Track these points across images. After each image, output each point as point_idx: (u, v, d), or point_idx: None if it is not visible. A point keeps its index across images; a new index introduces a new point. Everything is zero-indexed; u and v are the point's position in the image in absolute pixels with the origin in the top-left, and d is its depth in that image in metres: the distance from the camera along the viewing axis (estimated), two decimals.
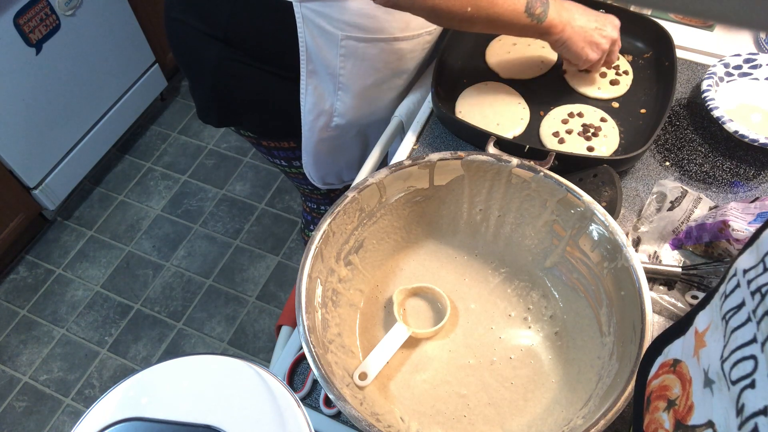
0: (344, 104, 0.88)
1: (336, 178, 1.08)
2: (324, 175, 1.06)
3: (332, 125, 0.91)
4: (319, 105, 0.88)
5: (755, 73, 0.85)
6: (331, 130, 0.92)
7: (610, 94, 0.86)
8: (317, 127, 0.91)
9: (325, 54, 0.81)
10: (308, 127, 0.92)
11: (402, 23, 0.79)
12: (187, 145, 2.11)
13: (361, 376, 0.61)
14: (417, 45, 0.85)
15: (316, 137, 0.93)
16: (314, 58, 0.82)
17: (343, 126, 0.92)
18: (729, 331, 0.35)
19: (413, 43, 0.84)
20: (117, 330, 1.71)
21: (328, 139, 0.95)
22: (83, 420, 0.46)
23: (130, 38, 1.87)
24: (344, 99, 0.87)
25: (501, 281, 0.70)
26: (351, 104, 0.88)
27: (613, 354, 0.58)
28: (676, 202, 0.73)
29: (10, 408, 1.59)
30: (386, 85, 0.88)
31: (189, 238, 1.88)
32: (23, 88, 1.58)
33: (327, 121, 0.90)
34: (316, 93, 0.86)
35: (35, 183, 1.72)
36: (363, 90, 0.86)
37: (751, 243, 0.36)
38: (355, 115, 0.90)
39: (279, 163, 1.09)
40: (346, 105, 0.88)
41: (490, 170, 0.67)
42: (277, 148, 1.04)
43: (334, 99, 0.87)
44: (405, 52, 0.84)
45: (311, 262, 0.60)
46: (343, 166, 1.05)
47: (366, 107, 0.90)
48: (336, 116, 0.89)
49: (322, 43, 0.79)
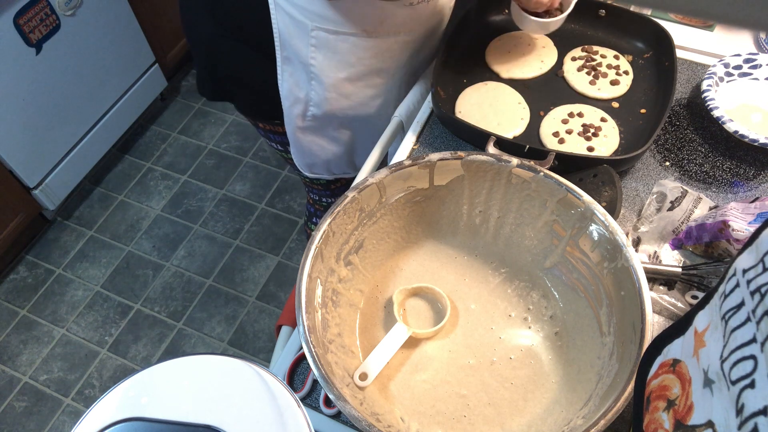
0: (318, 95, 0.87)
1: (324, 170, 1.08)
2: (310, 165, 1.05)
3: (308, 115, 0.91)
4: (294, 92, 0.88)
5: (755, 73, 0.85)
6: (308, 119, 0.92)
7: (610, 94, 0.86)
8: (294, 115, 0.91)
9: (296, 42, 0.81)
10: (287, 113, 0.92)
11: (375, 19, 0.78)
12: (187, 145, 2.11)
13: (361, 377, 0.61)
14: (393, 44, 0.84)
15: (294, 125, 0.94)
16: (287, 45, 0.82)
17: (320, 117, 0.91)
18: (728, 331, 0.35)
19: (389, 41, 0.83)
20: (117, 330, 1.71)
21: (309, 129, 0.95)
22: (83, 420, 0.46)
23: (130, 38, 1.87)
24: (318, 90, 0.86)
25: (501, 281, 0.70)
26: (325, 96, 0.87)
27: (613, 354, 0.58)
28: (676, 202, 0.73)
29: (10, 408, 1.59)
30: (363, 82, 0.87)
31: (189, 238, 1.88)
32: (23, 88, 1.58)
33: (303, 109, 0.90)
34: (291, 80, 0.87)
35: (35, 183, 1.72)
36: (337, 83, 0.86)
37: (751, 243, 0.36)
38: (330, 107, 0.89)
39: (276, 147, 1.10)
40: (320, 96, 0.87)
41: (490, 170, 0.67)
42: (272, 131, 1.05)
43: (309, 89, 0.87)
44: (380, 50, 0.83)
45: (311, 262, 0.60)
46: (330, 159, 1.04)
47: (343, 101, 0.89)
48: (312, 106, 0.89)
49: (294, 31, 0.80)
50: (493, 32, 0.94)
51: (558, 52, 0.92)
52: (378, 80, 0.88)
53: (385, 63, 0.86)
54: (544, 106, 0.85)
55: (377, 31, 0.80)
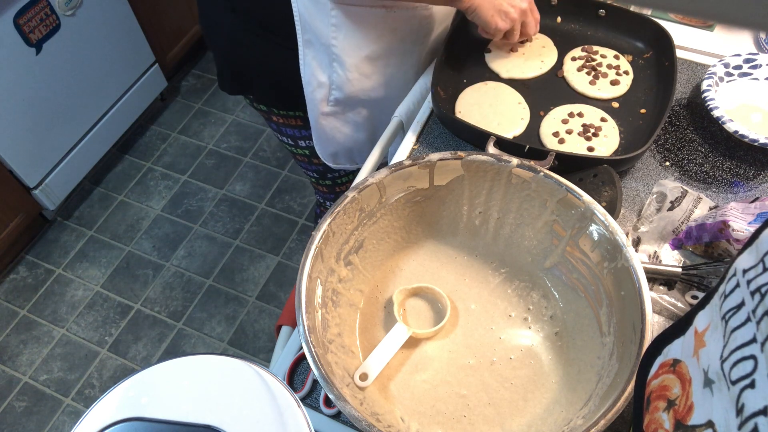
0: (340, 77, 0.88)
1: (347, 159, 1.08)
2: (334, 155, 1.05)
3: (331, 99, 0.92)
4: (316, 76, 0.89)
5: (755, 73, 0.85)
6: (331, 104, 0.93)
7: (610, 94, 0.86)
8: (317, 100, 0.92)
9: (317, 24, 0.82)
10: (309, 99, 0.92)
11: None
12: (187, 145, 2.11)
13: (361, 377, 0.61)
14: (412, 19, 0.85)
15: (318, 111, 0.94)
16: (308, 28, 0.83)
17: (343, 101, 0.92)
18: (729, 331, 0.35)
19: (407, 16, 0.84)
20: (117, 330, 1.71)
21: (332, 115, 0.95)
22: (83, 420, 0.46)
23: (130, 38, 1.87)
24: (339, 71, 0.87)
25: (501, 281, 0.70)
26: (347, 77, 0.88)
27: (613, 354, 0.58)
28: (676, 202, 0.73)
29: (10, 408, 1.59)
30: (383, 61, 0.88)
31: (189, 238, 1.88)
32: (23, 88, 1.58)
33: (326, 93, 0.91)
34: (313, 64, 0.87)
35: (35, 183, 1.72)
36: (358, 63, 0.86)
37: (751, 243, 0.36)
38: (352, 89, 0.90)
39: (287, 142, 1.11)
40: (342, 78, 0.88)
41: (490, 170, 0.67)
42: (286, 124, 1.06)
43: (331, 71, 0.87)
44: (399, 25, 0.84)
45: (311, 262, 0.60)
46: (353, 146, 1.04)
47: (365, 81, 0.90)
48: (334, 89, 0.90)
49: (314, 12, 0.80)
50: None
51: (558, 52, 0.92)
52: (397, 59, 0.90)
53: (404, 40, 0.87)
54: (544, 106, 0.85)
55: (396, 5, 0.81)
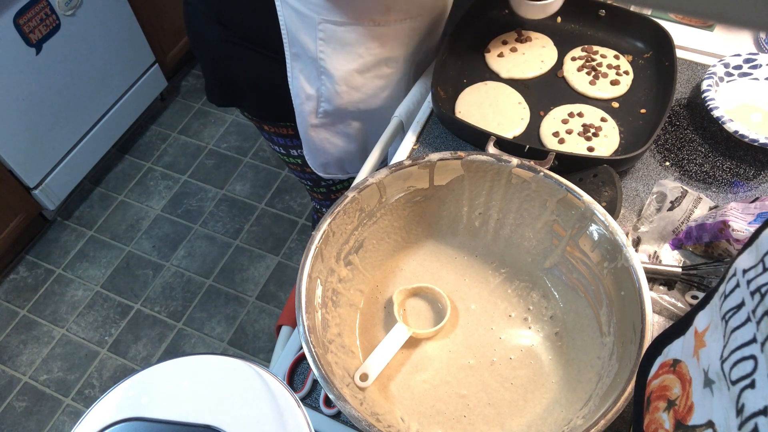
0: (329, 90, 0.87)
1: (338, 169, 1.07)
2: (324, 165, 1.05)
3: (320, 111, 0.91)
4: (305, 89, 0.88)
5: (755, 73, 0.85)
6: (320, 116, 0.92)
7: (610, 94, 0.86)
8: (306, 112, 0.91)
9: (304, 38, 0.81)
10: (298, 111, 0.92)
11: (381, 7, 0.78)
12: (187, 145, 2.11)
13: (362, 377, 0.61)
14: (401, 31, 0.84)
15: (307, 123, 0.93)
16: (295, 41, 0.82)
17: (332, 113, 0.91)
18: (729, 331, 0.35)
19: (396, 29, 0.83)
20: (117, 330, 1.71)
21: (321, 126, 0.95)
22: (83, 420, 0.46)
23: (130, 38, 1.87)
24: (328, 84, 0.86)
25: (501, 281, 0.70)
26: (335, 90, 0.87)
27: (613, 354, 0.58)
28: (676, 202, 0.73)
29: (10, 408, 1.59)
30: (372, 73, 0.87)
31: (189, 238, 1.88)
32: (23, 88, 1.58)
33: (315, 106, 0.90)
34: (301, 76, 0.87)
35: (35, 183, 1.72)
36: (347, 76, 0.85)
37: (751, 243, 0.36)
38: (341, 101, 0.89)
39: (279, 150, 1.10)
40: (331, 90, 0.87)
41: (490, 170, 0.67)
42: (277, 134, 1.05)
43: (319, 84, 0.87)
44: (388, 38, 0.83)
45: (311, 262, 0.60)
46: (344, 156, 1.03)
47: (354, 94, 0.89)
48: (323, 101, 0.89)
49: (301, 26, 0.80)
50: (493, 32, 0.94)
51: (558, 52, 0.92)
52: (387, 70, 0.89)
53: (394, 51, 0.86)
54: (544, 106, 0.85)
55: (385, 19, 0.80)
